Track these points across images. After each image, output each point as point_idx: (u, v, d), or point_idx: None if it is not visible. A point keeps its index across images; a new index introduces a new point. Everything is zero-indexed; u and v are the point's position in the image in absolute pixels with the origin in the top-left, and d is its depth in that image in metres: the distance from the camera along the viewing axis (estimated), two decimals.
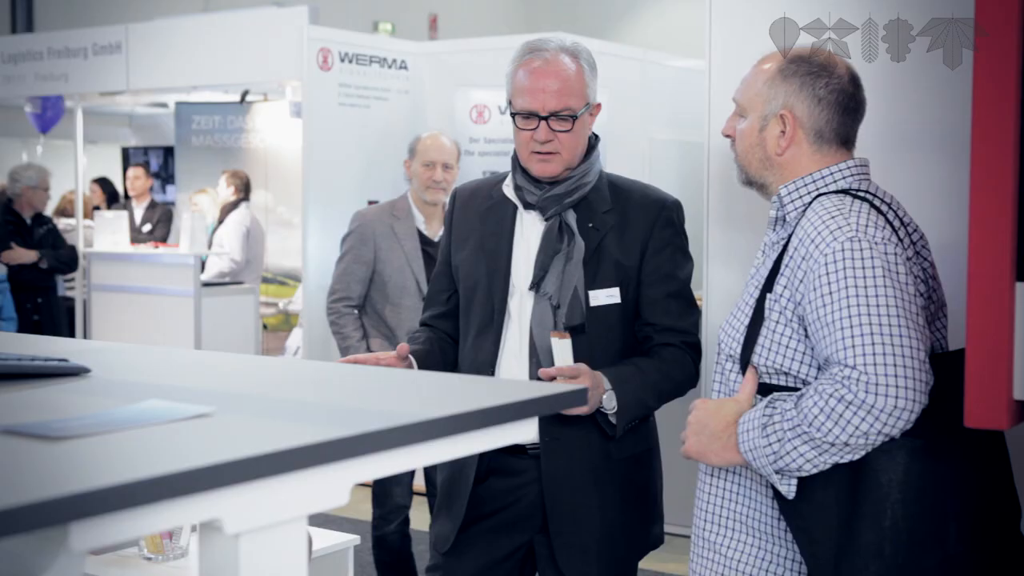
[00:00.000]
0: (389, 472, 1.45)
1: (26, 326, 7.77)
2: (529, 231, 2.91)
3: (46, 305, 8.02)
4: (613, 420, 2.78)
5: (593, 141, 2.94)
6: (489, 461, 2.89)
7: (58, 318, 8.14)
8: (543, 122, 2.82)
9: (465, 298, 2.97)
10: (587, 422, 2.80)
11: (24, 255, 7.87)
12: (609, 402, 2.75)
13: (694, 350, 2.93)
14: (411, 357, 2.83)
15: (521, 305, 2.88)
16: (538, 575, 2.97)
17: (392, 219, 4.93)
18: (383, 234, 4.89)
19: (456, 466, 2.93)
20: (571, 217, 2.86)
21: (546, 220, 2.88)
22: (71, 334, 8.28)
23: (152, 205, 10.44)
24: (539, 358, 2.81)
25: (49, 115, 10.16)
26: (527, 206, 2.91)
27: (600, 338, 2.84)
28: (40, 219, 8.23)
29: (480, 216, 2.98)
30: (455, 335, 3.05)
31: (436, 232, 4.91)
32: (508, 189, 2.95)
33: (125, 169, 11.84)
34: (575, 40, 2.95)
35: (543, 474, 2.85)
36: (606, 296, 2.84)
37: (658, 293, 2.88)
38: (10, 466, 1.22)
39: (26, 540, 1.17)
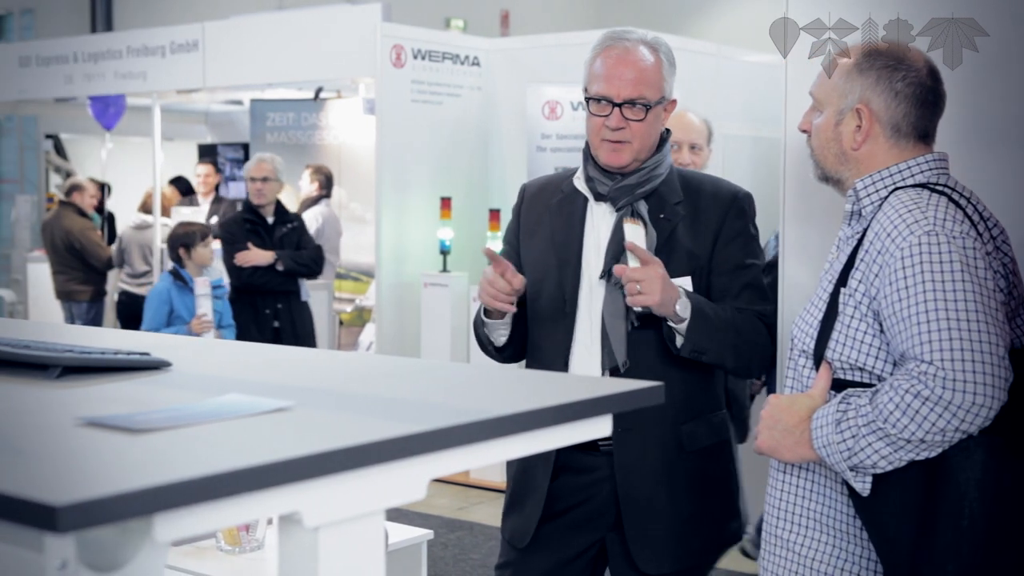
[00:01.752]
0: (465, 467, 1.46)
1: (265, 333, 7.05)
2: (600, 222, 2.92)
3: (286, 311, 7.22)
4: (681, 333, 2.76)
5: (664, 135, 2.94)
6: (560, 458, 2.89)
7: (300, 325, 7.32)
8: (616, 109, 2.83)
9: (533, 289, 2.96)
10: (660, 410, 2.69)
11: (257, 256, 7.09)
12: (684, 311, 2.73)
13: (768, 328, 2.92)
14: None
15: (591, 295, 2.88)
16: (610, 572, 2.96)
17: None
18: None
19: (529, 462, 2.93)
20: (643, 207, 2.87)
21: (617, 210, 2.88)
22: (315, 343, 7.55)
23: (217, 199, 10.54)
24: (611, 347, 2.81)
25: (112, 111, 10.30)
26: (598, 197, 2.91)
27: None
28: (283, 217, 7.39)
29: (550, 209, 2.99)
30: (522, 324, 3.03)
31: None
32: (579, 181, 2.96)
33: None
34: (656, 35, 2.95)
35: (616, 467, 2.84)
36: (678, 285, 2.83)
37: (730, 283, 2.87)
38: (95, 458, 1.24)
39: (110, 531, 1.19)
